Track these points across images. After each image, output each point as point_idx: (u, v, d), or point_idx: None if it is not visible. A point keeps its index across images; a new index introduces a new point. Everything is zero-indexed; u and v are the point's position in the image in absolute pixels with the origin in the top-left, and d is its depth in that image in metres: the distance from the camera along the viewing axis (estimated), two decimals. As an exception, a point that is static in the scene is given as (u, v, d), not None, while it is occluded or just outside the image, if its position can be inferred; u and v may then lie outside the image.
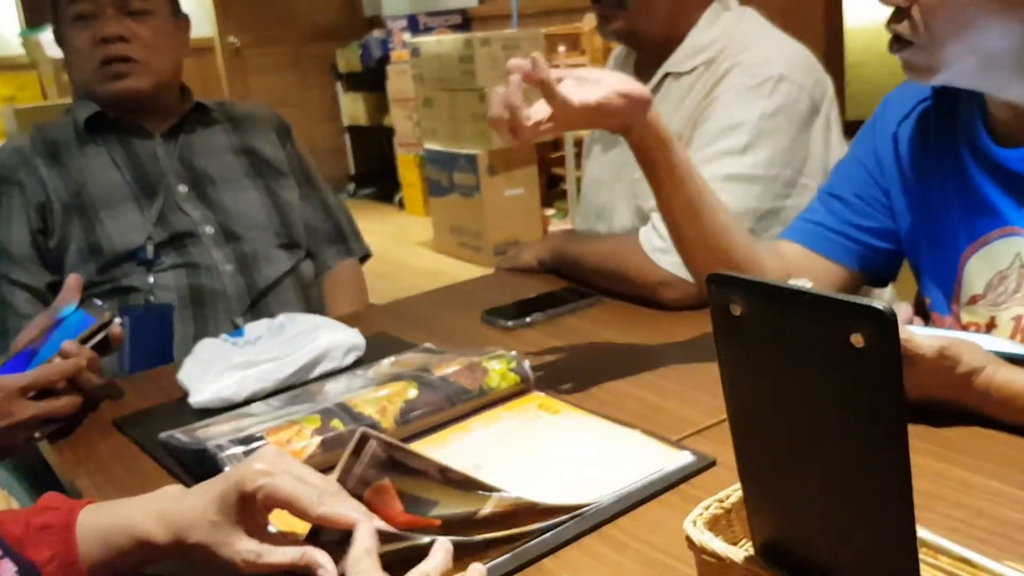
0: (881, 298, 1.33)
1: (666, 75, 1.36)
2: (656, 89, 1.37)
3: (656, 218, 1.26)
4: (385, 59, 5.71)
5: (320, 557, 0.63)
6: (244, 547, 0.64)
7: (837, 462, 0.52)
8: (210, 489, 0.65)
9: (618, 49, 1.51)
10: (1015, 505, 0.72)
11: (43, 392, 0.99)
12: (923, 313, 1.35)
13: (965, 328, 0.96)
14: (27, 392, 0.98)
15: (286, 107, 6.29)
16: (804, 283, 0.52)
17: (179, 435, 0.88)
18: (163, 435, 0.90)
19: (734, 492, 0.68)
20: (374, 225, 5.68)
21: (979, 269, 0.95)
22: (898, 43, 0.92)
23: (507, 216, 4.40)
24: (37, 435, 1.00)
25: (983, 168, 0.95)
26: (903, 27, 0.90)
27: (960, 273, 0.97)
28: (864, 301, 0.48)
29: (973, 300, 0.96)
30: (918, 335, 0.82)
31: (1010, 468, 0.78)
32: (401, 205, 5.90)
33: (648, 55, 1.39)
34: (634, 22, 1.33)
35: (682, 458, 0.84)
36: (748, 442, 0.59)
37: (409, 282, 4.12)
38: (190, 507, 0.65)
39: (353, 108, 6.40)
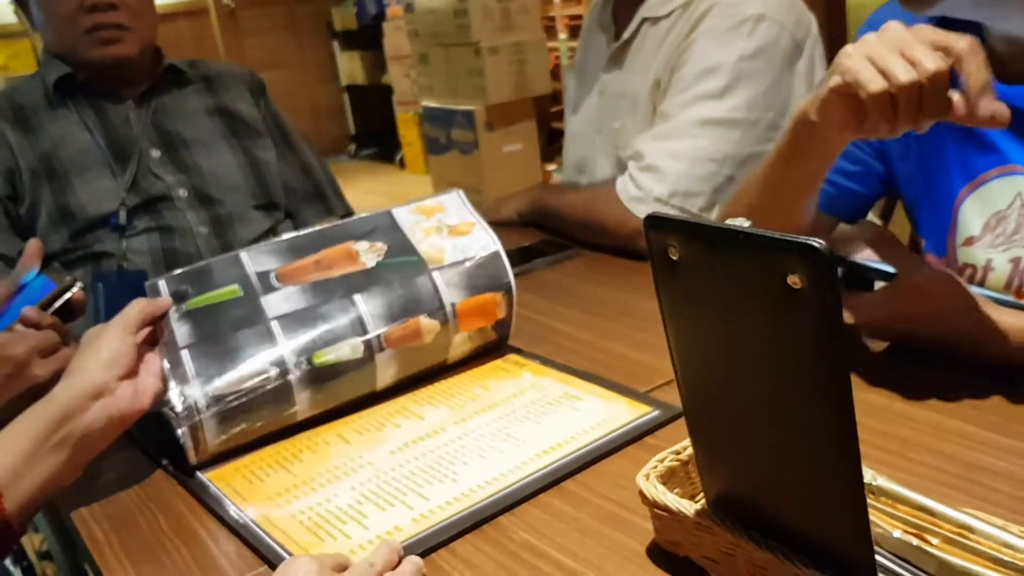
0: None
1: (644, 20, 1.31)
2: (634, 35, 1.32)
3: (633, 167, 1.23)
4: (381, 16, 5.63)
5: None
6: None
7: (781, 410, 0.50)
8: None
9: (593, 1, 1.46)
10: (987, 449, 0.70)
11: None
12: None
13: (960, 271, 0.93)
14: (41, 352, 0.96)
15: (282, 68, 6.27)
16: (741, 222, 0.49)
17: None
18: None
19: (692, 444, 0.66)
20: (375, 185, 5.65)
21: (975, 209, 0.91)
22: None
23: (507, 172, 4.35)
24: None
25: None
26: None
27: (955, 214, 0.93)
28: (799, 239, 0.45)
29: (969, 241, 0.92)
30: None
31: (985, 411, 0.75)
32: (402, 164, 5.85)
33: (625, 2, 1.34)
34: None
35: (647, 411, 0.82)
36: (694, 392, 0.56)
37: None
38: None
39: (351, 67, 6.33)
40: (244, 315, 0.87)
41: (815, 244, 0.44)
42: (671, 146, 1.19)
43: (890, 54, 0.71)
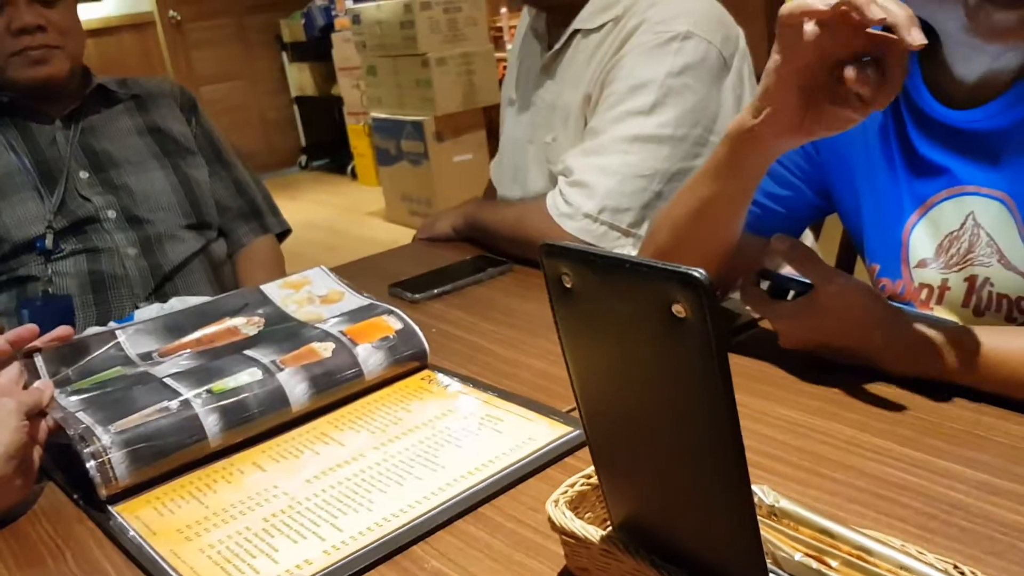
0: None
1: (575, 32, 1.31)
2: (565, 47, 1.33)
3: (563, 182, 1.23)
4: (329, 27, 5.60)
5: None
6: None
7: (673, 436, 0.50)
8: None
9: (525, 9, 1.46)
10: (898, 463, 0.70)
11: None
12: (848, 268, 1.33)
13: (916, 292, 0.93)
14: None
15: (232, 80, 6.21)
16: (628, 250, 0.49)
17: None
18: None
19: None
20: (326, 197, 5.61)
21: (927, 233, 0.91)
22: None
23: (457, 182, 4.35)
24: None
25: (926, 132, 0.91)
26: None
27: (906, 240, 0.93)
28: (681, 268, 0.45)
29: (923, 263, 0.92)
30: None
31: (899, 425, 0.76)
32: (354, 175, 5.82)
33: (558, 14, 1.34)
34: None
35: (567, 431, 0.82)
36: (594, 417, 0.56)
37: (360, 254, 4.07)
38: None
39: (300, 79, 6.28)
40: (135, 379, 0.89)
41: (696, 274, 0.44)
42: (600, 161, 1.19)
43: None
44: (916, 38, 0.66)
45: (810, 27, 0.71)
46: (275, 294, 1.06)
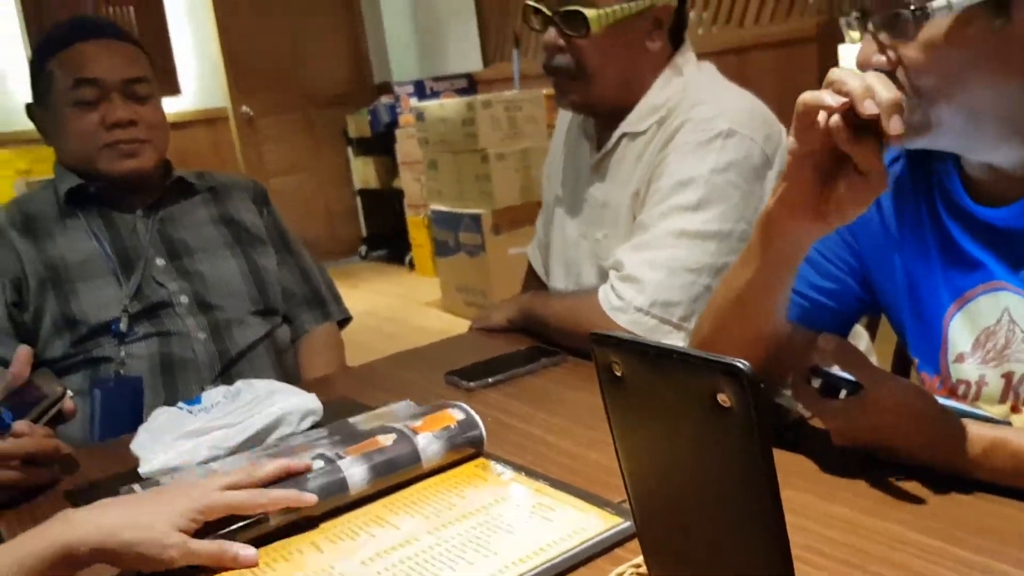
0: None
1: (623, 135, 1.37)
2: (613, 149, 1.38)
3: (614, 276, 1.26)
4: (394, 123, 5.80)
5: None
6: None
7: (720, 526, 0.51)
8: None
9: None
10: (945, 561, 0.70)
11: None
12: (906, 367, 1.33)
13: (955, 387, 0.94)
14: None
15: (299, 172, 6.44)
16: (678, 343, 0.52)
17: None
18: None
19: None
20: (384, 286, 5.72)
21: (964, 326, 0.93)
22: None
23: (512, 274, 4.40)
24: None
25: (963, 225, 0.94)
26: None
27: (945, 331, 0.95)
28: (726, 359, 0.47)
29: (960, 358, 0.94)
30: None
31: (947, 523, 0.76)
32: (411, 266, 5.93)
33: (605, 118, 1.40)
34: (589, 93, 1.34)
35: (618, 522, 0.83)
36: (643, 504, 0.58)
37: (417, 342, 4.14)
38: None
39: (364, 172, 6.49)
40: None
41: (739, 365, 0.46)
42: (649, 256, 1.23)
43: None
44: (893, 127, 0.74)
45: (822, 116, 0.78)
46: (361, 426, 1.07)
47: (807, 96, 0.79)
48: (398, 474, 0.94)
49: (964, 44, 0.83)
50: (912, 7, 0.83)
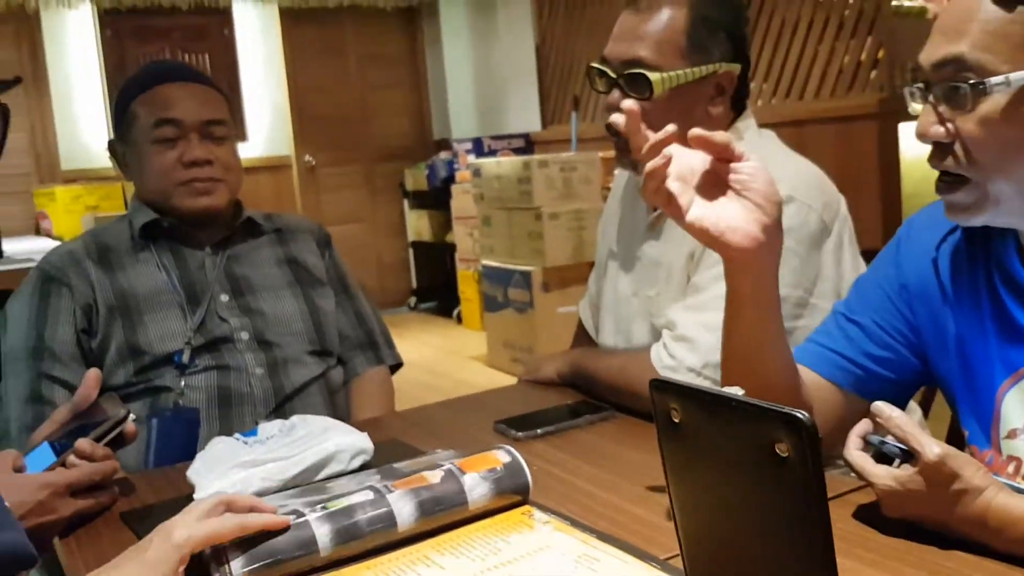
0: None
1: (684, 196, 1.39)
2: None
3: (667, 335, 1.27)
4: (451, 179, 5.91)
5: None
6: None
7: (772, 569, 0.52)
8: None
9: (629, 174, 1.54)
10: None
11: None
12: (959, 443, 1.31)
13: (1005, 464, 0.93)
14: (70, 490, 1.03)
15: (355, 222, 6.57)
16: (736, 391, 0.53)
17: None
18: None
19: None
20: (431, 338, 5.76)
21: (1018, 402, 0.93)
22: (945, 184, 0.92)
23: (560, 332, 4.42)
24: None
25: (1019, 299, 0.94)
26: (948, 163, 0.90)
27: (998, 406, 0.94)
28: (785, 409, 0.48)
29: (1012, 434, 0.93)
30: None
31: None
32: (459, 319, 5.98)
33: None
34: None
35: None
36: (695, 550, 0.58)
37: (459, 395, 4.15)
38: None
39: (418, 224, 6.59)
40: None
41: (799, 415, 0.48)
42: (703, 318, 1.24)
43: None
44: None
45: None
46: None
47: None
48: (446, 514, 0.95)
49: (1021, 121, 0.84)
50: (972, 81, 0.85)
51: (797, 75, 4.09)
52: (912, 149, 3.70)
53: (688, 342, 1.24)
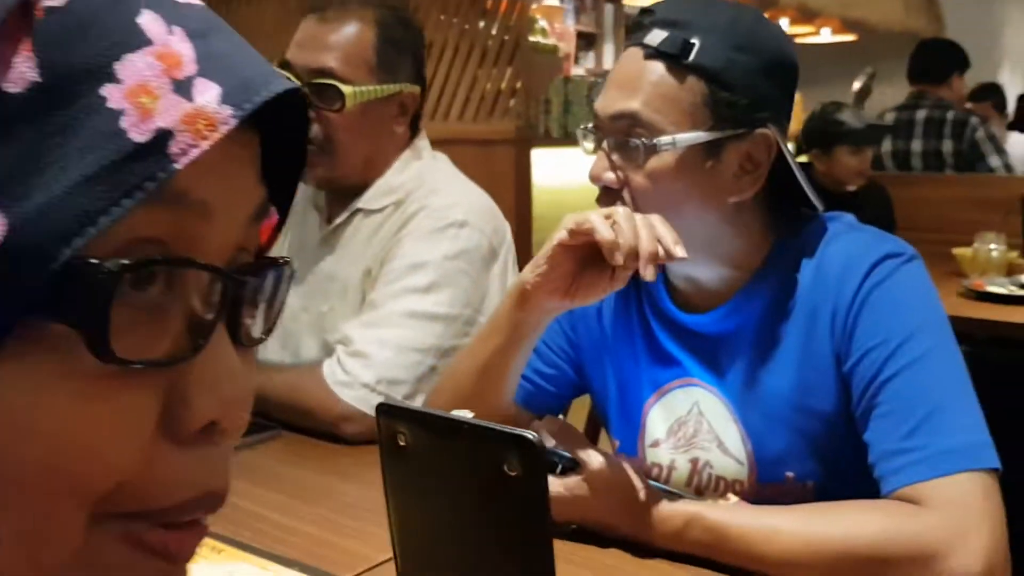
0: None
1: (357, 211, 1.39)
2: (346, 224, 1.40)
3: (342, 351, 1.26)
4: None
5: None
6: None
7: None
8: None
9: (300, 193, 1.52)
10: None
11: None
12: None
13: (650, 470, 1.04)
14: None
15: None
16: (465, 414, 0.54)
17: None
18: None
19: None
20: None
21: (660, 416, 1.05)
22: None
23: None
24: None
25: (665, 328, 1.06)
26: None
27: (644, 419, 1.06)
28: (515, 431, 0.50)
29: (656, 444, 1.04)
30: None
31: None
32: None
33: (342, 193, 1.42)
34: (334, 168, 1.35)
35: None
36: (411, 571, 0.58)
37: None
38: None
39: None
40: None
41: (528, 436, 0.50)
42: (379, 334, 1.25)
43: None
44: (649, 275, 0.87)
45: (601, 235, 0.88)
46: None
47: (591, 220, 0.89)
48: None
49: (682, 177, 0.96)
50: (643, 140, 0.95)
51: (442, 97, 4.27)
52: (543, 176, 4.04)
53: (364, 358, 1.23)
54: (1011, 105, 4.77)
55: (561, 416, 1.38)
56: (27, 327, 0.29)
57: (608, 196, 0.99)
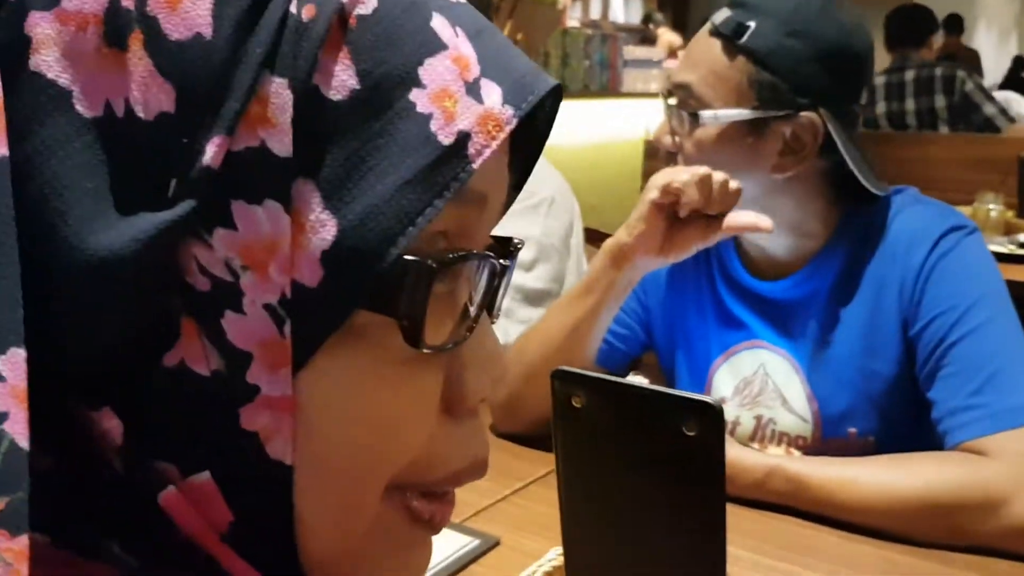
0: None
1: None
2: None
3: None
4: None
5: None
6: None
7: (662, 546, 0.60)
8: None
9: None
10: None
11: None
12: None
13: None
14: None
15: None
16: (641, 380, 0.60)
17: None
18: None
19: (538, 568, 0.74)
20: None
21: (727, 375, 1.12)
22: None
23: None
24: None
25: (733, 292, 1.13)
26: None
27: (711, 379, 1.13)
28: (696, 396, 0.57)
29: (722, 402, 1.11)
30: None
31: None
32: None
33: None
34: None
35: (467, 541, 0.88)
36: (577, 528, 0.64)
37: None
38: None
39: None
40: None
41: (710, 401, 0.56)
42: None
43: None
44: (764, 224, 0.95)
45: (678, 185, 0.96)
46: None
47: (668, 175, 0.97)
48: None
49: (723, 150, 1.02)
50: (690, 111, 1.03)
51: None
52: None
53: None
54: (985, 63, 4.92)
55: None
56: (348, 321, 0.31)
57: (669, 159, 1.07)
